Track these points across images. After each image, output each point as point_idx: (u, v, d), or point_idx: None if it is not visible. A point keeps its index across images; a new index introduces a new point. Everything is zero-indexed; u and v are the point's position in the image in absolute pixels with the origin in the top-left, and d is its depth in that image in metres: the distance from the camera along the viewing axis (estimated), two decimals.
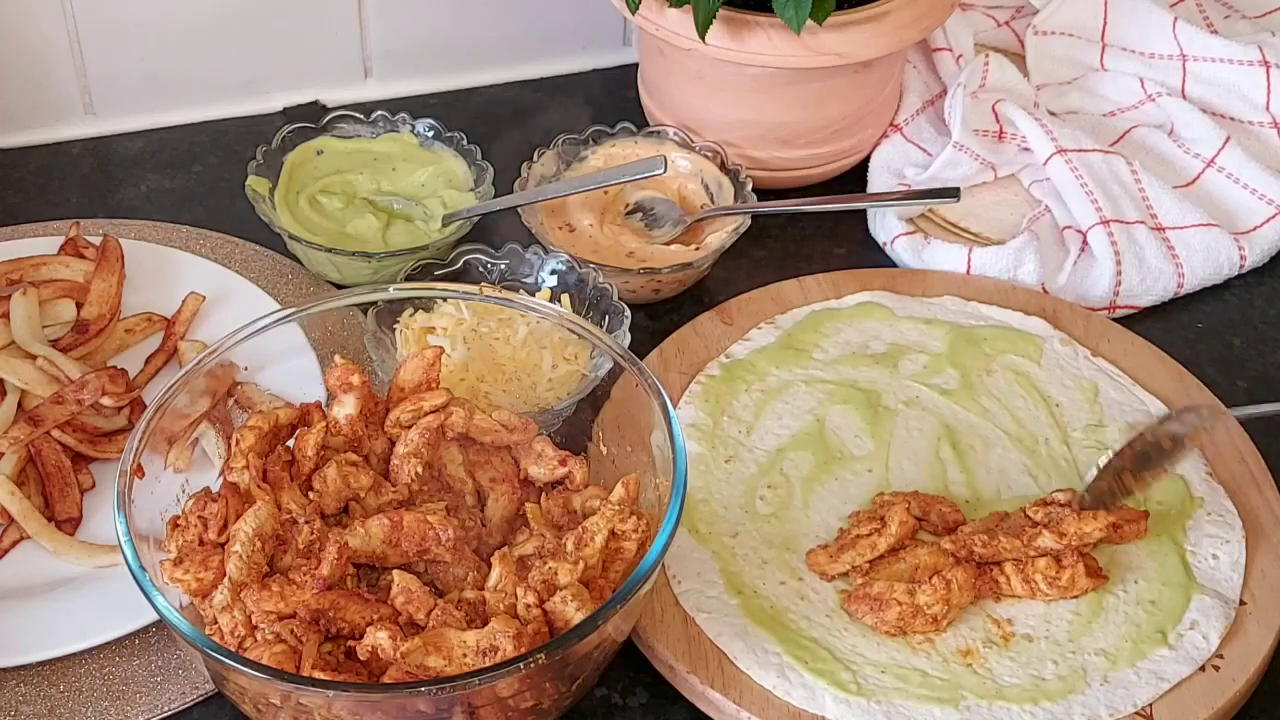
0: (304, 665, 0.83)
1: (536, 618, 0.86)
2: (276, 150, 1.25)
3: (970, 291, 1.21)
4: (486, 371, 1.07)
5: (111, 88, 1.36)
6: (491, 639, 0.83)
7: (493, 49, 1.44)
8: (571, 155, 1.28)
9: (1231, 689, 0.94)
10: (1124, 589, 0.99)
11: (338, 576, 0.88)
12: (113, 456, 1.05)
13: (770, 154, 1.28)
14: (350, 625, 0.87)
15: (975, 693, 0.93)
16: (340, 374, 0.98)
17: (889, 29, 1.21)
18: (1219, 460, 1.08)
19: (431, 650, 0.84)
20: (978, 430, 1.09)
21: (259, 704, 0.84)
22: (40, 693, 0.95)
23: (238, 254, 1.23)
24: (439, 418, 0.97)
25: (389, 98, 1.41)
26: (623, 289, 1.17)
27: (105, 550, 1.00)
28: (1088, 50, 1.43)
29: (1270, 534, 1.03)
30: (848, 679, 0.94)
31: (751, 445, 1.08)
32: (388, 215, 1.23)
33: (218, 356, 0.98)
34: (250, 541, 0.88)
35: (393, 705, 0.82)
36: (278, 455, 0.95)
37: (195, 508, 0.90)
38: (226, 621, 0.86)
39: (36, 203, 1.30)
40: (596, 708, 0.96)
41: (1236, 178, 1.30)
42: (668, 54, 1.26)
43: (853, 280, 1.22)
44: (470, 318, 1.08)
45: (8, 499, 1.01)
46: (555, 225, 1.23)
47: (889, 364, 1.14)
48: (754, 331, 1.17)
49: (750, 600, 0.98)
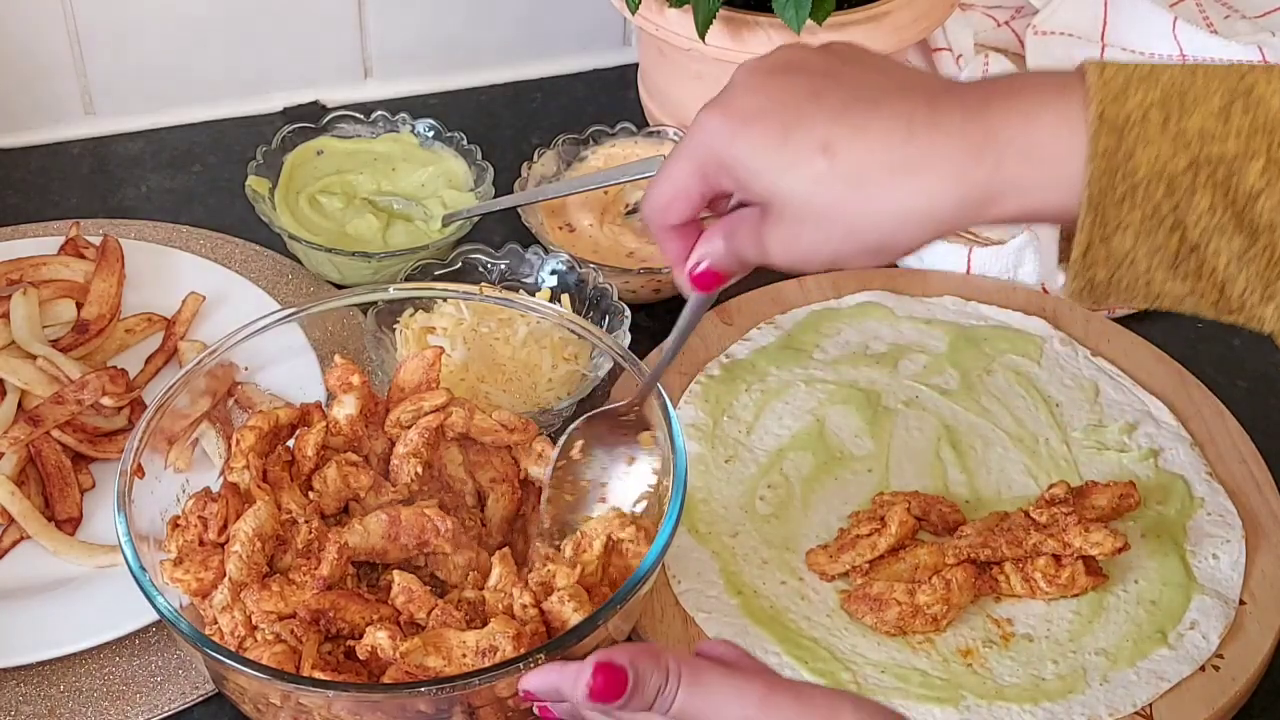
0: (304, 665, 0.83)
1: (534, 618, 0.86)
2: (276, 150, 1.25)
3: (970, 291, 1.21)
4: (486, 371, 1.07)
5: (111, 88, 1.36)
6: (491, 639, 0.83)
7: (493, 49, 1.44)
8: (572, 155, 1.28)
9: (1231, 689, 0.94)
10: (1124, 589, 0.99)
11: (337, 576, 0.88)
12: (113, 456, 1.05)
13: None
14: (350, 625, 0.87)
15: (975, 693, 0.93)
16: (340, 374, 0.98)
17: (889, 29, 1.21)
18: (1219, 460, 1.08)
19: (431, 650, 0.84)
20: (978, 430, 1.09)
21: (259, 704, 0.84)
22: (40, 693, 0.95)
23: (238, 254, 1.23)
24: (439, 418, 0.97)
25: (389, 98, 1.41)
26: (623, 289, 1.17)
27: (105, 550, 1.00)
28: (1088, 50, 1.43)
29: (1270, 534, 1.03)
30: (847, 679, 0.94)
31: (751, 445, 1.08)
32: (388, 215, 1.23)
33: (218, 356, 0.98)
34: (250, 541, 0.88)
35: (393, 705, 0.82)
36: (277, 455, 0.95)
37: (195, 508, 0.90)
38: (226, 622, 0.86)
39: (36, 203, 1.30)
40: None
41: None
42: (668, 54, 1.26)
43: (853, 280, 1.22)
44: (470, 318, 1.08)
45: (8, 499, 1.01)
46: (555, 225, 1.23)
47: (889, 364, 1.14)
48: (754, 331, 1.17)
49: (750, 600, 0.98)
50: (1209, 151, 0.70)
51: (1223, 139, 0.70)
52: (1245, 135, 0.70)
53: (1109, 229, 0.72)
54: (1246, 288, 0.72)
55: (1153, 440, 1.09)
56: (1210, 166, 0.70)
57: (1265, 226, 0.70)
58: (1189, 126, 0.70)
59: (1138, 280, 0.74)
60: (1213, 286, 0.73)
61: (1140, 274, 0.73)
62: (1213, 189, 0.70)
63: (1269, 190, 0.70)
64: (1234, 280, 0.72)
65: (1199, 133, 0.70)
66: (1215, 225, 0.71)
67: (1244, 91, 0.70)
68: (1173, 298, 0.74)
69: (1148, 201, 0.71)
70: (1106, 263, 0.73)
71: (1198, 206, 0.71)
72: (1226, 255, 0.71)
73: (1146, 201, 0.71)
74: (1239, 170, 0.70)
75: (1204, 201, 0.70)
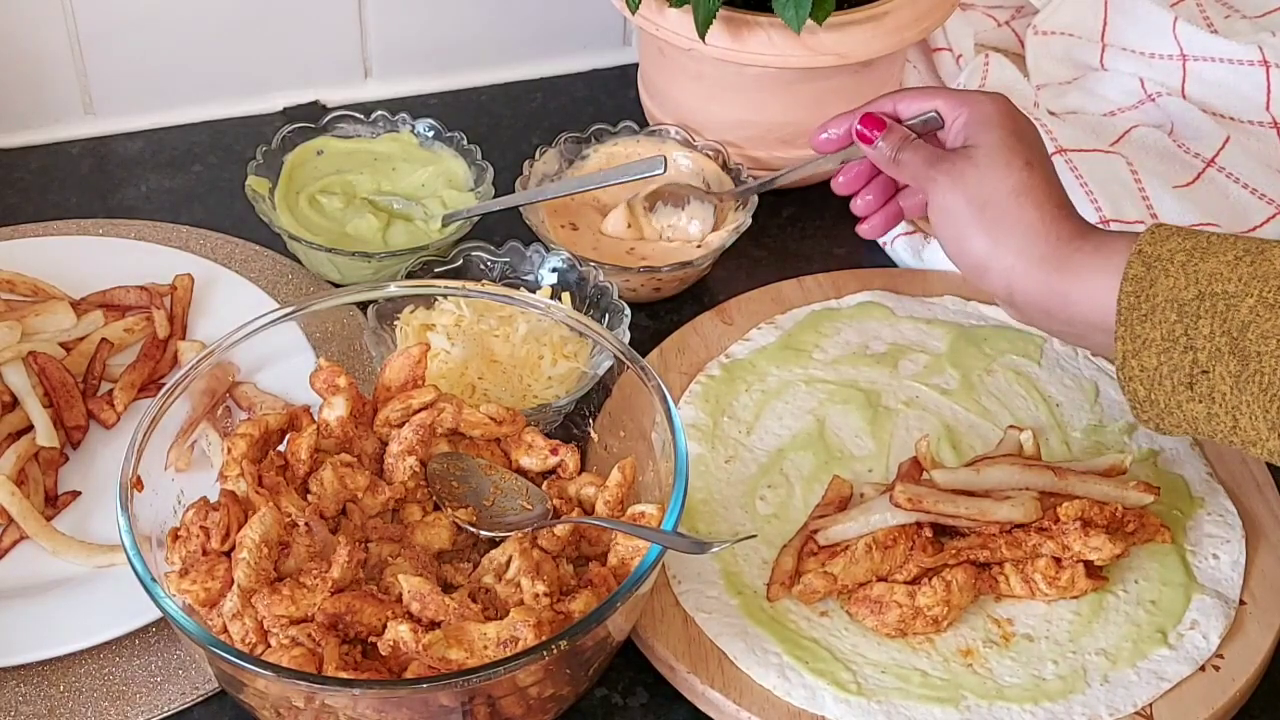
0: (327, 667, 0.84)
1: (545, 607, 0.87)
2: (276, 150, 1.25)
3: (970, 291, 1.21)
4: (486, 369, 1.07)
5: (111, 88, 1.36)
6: (512, 629, 0.84)
7: (493, 49, 1.44)
8: (574, 154, 1.28)
9: (1231, 689, 0.94)
10: (1124, 589, 0.99)
11: (348, 579, 0.89)
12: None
13: (771, 154, 1.28)
14: (367, 628, 0.87)
15: (975, 693, 0.93)
16: (326, 376, 0.98)
17: (889, 29, 1.21)
18: (1219, 460, 1.08)
19: (453, 643, 0.84)
20: (978, 430, 1.09)
21: (280, 708, 0.84)
22: (40, 693, 0.95)
23: (238, 254, 1.23)
24: (431, 414, 0.97)
25: (389, 98, 1.41)
26: (624, 288, 1.17)
27: (104, 550, 1.00)
28: (1088, 50, 1.43)
29: (1270, 534, 1.03)
30: (848, 679, 0.94)
31: (751, 445, 1.08)
32: (388, 215, 1.23)
33: (217, 356, 0.98)
34: (258, 548, 0.88)
35: (417, 700, 0.82)
36: (270, 460, 0.95)
37: (196, 518, 0.91)
38: (237, 629, 0.87)
39: (36, 203, 1.30)
40: (596, 708, 0.96)
41: (1236, 177, 1.30)
42: (668, 54, 1.26)
43: (853, 280, 1.22)
44: (470, 315, 1.08)
45: (7, 499, 1.01)
46: (558, 224, 1.23)
47: (889, 364, 1.14)
48: (754, 331, 1.17)
49: (750, 600, 0.98)
50: (1214, 287, 0.86)
51: (1225, 280, 0.86)
52: (1245, 280, 0.85)
53: (1137, 344, 0.88)
54: (1251, 415, 0.84)
55: (1152, 440, 1.09)
56: (1213, 299, 0.85)
57: (1254, 354, 0.84)
58: (1203, 268, 0.86)
59: (1170, 400, 0.88)
60: (1226, 412, 0.86)
61: (1169, 393, 0.87)
62: (1213, 317, 0.85)
63: (1257, 322, 0.84)
64: (1240, 410, 0.85)
65: (1209, 273, 0.86)
66: (1215, 349, 0.85)
67: (1257, 251, 0.86)
68: (1200, 424, 0.87)
69: (1164, 323, 0.87)
70: (1141, 378, 0.88)
71: (1201, 331, 0.85)
72: (1229, 380, 0.85)
73: (1163, 323, 0.87)
74: (1235, 305, 0.85)
75: (1206, 327, 0.85)
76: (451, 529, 0.95)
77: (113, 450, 1.07)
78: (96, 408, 1.08)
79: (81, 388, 1.09)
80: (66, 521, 1.03)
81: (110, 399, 1.09)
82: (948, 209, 0.97)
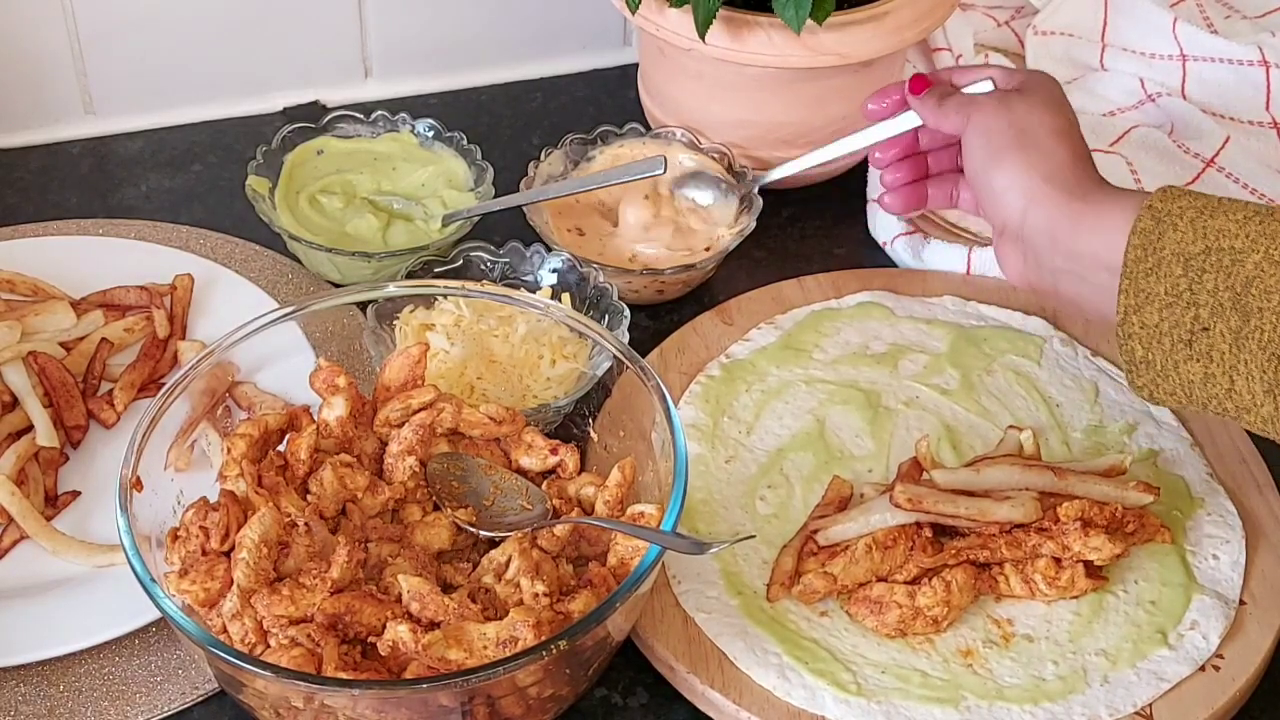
0: (326, 667, 0.84)
1: (545, 607, 0.87)
2: (276, 150, 1.25)
3: (970, 291, 1.21)
4: (485, 369, 1.07)
5: (111, 88, 1.36)
6: (512, 629, 0.84)
7: (493, 49, 1.44)
8: (579, 155, 1.28)
9: (1231, 689, 0.94)
10: (1124, 589, 0.99)
11: (347, 579, 0.89)
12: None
13: (771, 154, 1.28)
14: (366, 628, 0.87)
15: (975, 693, 0.93)
16: (325, 376, 0.98)
17: (889, 29, 1.21)
18: (1219, 461, 1.08)
19: (453, 643, 0.85)
20: (978, 430, 1.09)
21: (280, 708, 0.84)
22: (40, 693, 0.95)
23: (238, 254, 1.23)
24: (431, 414, 0.97)
25: (389, 98, 1.41)
26: (626, 290, 1.17)
27: (104, 550, 1.00)
28: (1088, 50, 1.43)
29: (1270, 534, 1.03)
30: (848, 679, 0.94)
31: (751, 445, 1.08)
32: (388, 215, 1.23)
33: (217, 356, 0.98)
34: (257, 548, 0.88)
35: (416, 700, 0.82)
36: (270, 460, 0.95)
37: (195, 518, 0.91)
38: (237, 630, 0.87)
39: (36, 203, 1.30)
40: (596, 708, 0.96)
41: (1236, 178, 1.30)
42: (668, 54, 1.26)
43: (853, 280, 1.22)
44: (470, 315, 1.08)
45: (7, 499, 1.01)
46: (564, 227, 1.23)
47: (889, 364, 1.14)
48: (754, 331, 1.17)
49: (750, 600, 0.98)
50: (1221, 243, 0.86)
51: (1234, 236, 0.86)
52: (1253, 236, 0.86)
53: (1140, 299, 0.88)
54: (1248, 376, 0.85)
55: (1153, 440, 1.09)
56: (1219, 254, 0.86)
57: (1255, 309, 0.84)
58: (1212, 224, 0.87)
59: (1167, 360, 0.88)
60: (1223, 373, 0.86)
61: (1167, 352, 0.88)
62: (1218, 272, 0.86)
63: (1261, 278, 0.85)
64: (1238, 370, 0.85)
65: (1218, 229, 0.87)
66: (1218, 304, 0.85)
67: (1267, 212, 0.87)
68: (1195, 387, 0.87)
69: (1168, 276, 0.87)
70: (1141, 335, 0.88)
71: (1206, 286, 0.86)
72: (1229, 336, 0.85)
73: (1168, 276, 0.87)
74: (1241, 260, 0.85)
75: (1210, 282, 0.86)
76: (451, 529, 0.95)
77: (113, 450, 1.07)
78: (96, 407, 1.08)
79: (81, 387, 1.09)
80: (66, 521, 1.03)
81: (110, 399, 1.09)
82: (990, 129, 0.99)
